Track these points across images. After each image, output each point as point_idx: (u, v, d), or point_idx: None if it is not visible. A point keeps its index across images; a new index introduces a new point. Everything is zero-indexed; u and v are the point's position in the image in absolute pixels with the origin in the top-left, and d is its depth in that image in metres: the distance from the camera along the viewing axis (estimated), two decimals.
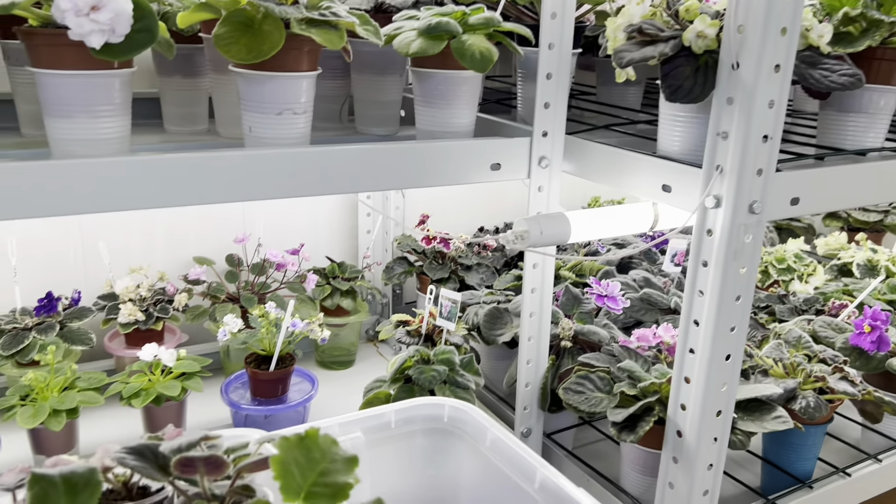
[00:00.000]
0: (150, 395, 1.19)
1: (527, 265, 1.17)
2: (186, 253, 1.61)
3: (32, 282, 1.44)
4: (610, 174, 1.10)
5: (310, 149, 0.97)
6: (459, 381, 1.20)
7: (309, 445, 0.68)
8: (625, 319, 1.45)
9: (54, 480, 0.64)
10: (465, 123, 1.10)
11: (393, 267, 1.71)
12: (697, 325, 0.99)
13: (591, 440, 1.40)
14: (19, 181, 0.81)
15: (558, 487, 0.83)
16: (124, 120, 0.90)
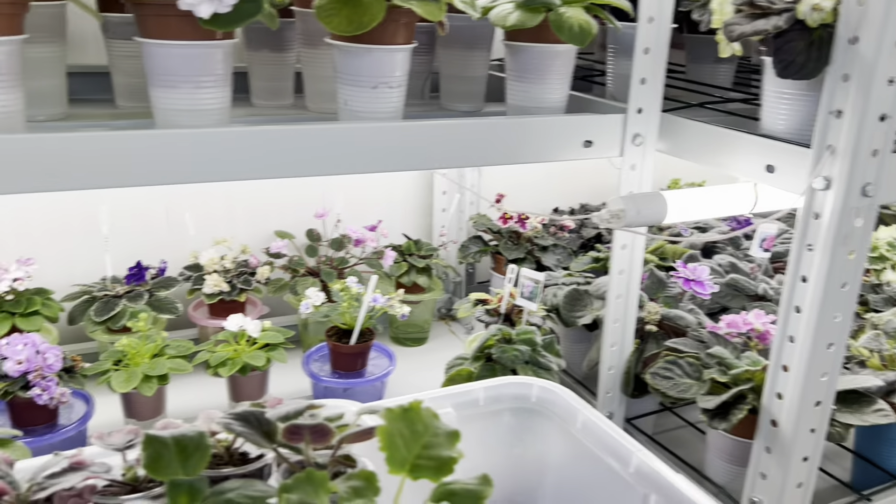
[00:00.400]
0: (237, 364, 1.22)
1: (615, 246, 1.15)
2: (267, 227, 1.63)
3: (121, 251, 1.48)
4: (707, 153, 1.07)
5: (405, 123, 0.96)
6: (541, 362, 1.18)
7: (412, 418, 0.68)
8: (710, 305, 1.41)
9: (167, 442, 0.65)
10: (558, 99, 1.07)
11: (468, 246, 1.70)
12: (799, 312, 0.95)
13: (670, 427, 1.37)
14: (126, 149, 0.83)
15: (655, 472, 0.81)
16: (225, 91, 0.91)
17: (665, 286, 1.36)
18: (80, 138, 0.80)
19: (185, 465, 0.65)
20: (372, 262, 1.58)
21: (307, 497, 0.59)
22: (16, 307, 1.27)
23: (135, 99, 1.13)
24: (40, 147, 0.79)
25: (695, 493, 0.77)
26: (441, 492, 0.63)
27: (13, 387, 1.09)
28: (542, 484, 0.96)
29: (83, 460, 0.71)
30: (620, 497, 0.85)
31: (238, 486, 0.65)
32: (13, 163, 0.78)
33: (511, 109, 1.09)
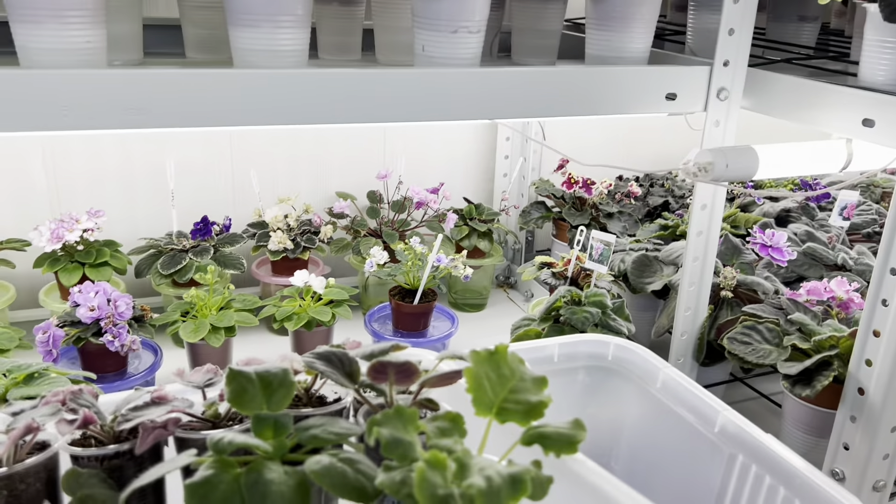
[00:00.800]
0: (303, 319, 1.21)
1: (695, 206, 1.10)
2: (328, 186, 1.62)
3: (186, 206, 1.49)
4: (797, 109, 1.02)
5: (485, 69, 0.93)
6: (612, 325, 1.15)
7: (498, 361, 0.66)
8: (785, 274, 1.36)
9: (251, 377, 0.64)
10: (641, 49, 1.03)
11: (530, 211, 1.67)
12: (894, 274, 0.91)
13: (740, 398, 1.33)
14: (205, 87, 0.81)
15: (744, 431, 0.78)
16: (304, 33, 0.89)
17: (740, 252, 1.31)
18: (162, 75, 0.79)
19: (270, 401, 0.64)
20: (433, 225, 1.56)
21: (397, 432, 0.57)
22: (86, 257, 1.28)
23: (205, 51, 1.13)
24: (122, 83, 0.78)
25: (786, 453, 0.74)
26: (532, 435, 0.61)
27: (85, 333, 1.11)
28: (617, 444, 0.94)
29: (165, 395, 0.70)
30: (704, 457, 0.82)
31: (322, 423, 0.63)
32: (94, 98, 0.77)
33: (590, 59, 1.06)
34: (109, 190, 1.46)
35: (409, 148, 1.68)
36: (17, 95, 0.74)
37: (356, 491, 0.57)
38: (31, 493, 0.63)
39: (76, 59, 0.79)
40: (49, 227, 1.26)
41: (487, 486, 0.51)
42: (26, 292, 1.41)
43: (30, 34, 0.78)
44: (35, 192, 1.41)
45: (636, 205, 1.68)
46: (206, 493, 0.54)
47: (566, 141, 1.78)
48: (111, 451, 0.65)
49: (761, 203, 1.61)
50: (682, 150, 1.96)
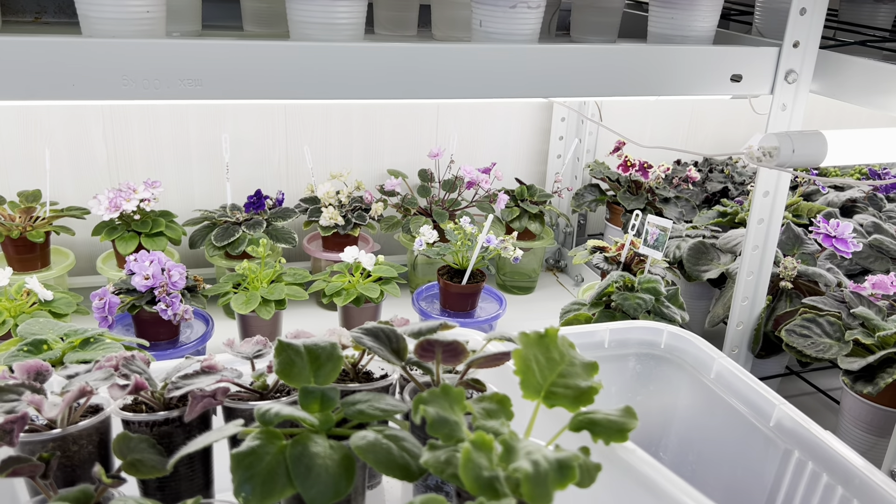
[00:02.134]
0: (352, 294, 1.21)
1: (757, 193, 1.07)
2: (380, 164, 1.62)
3: (240, 180, 1.51)
4: (871, 93, 0.97)
5: (546, 45, 0.91)
6: (665, 313, 1.13)
7: (548, 344, 0.65)
8: (849, 267, 1.30)
9: (299, 350, 0.64)
10: (707, 28, 1.00)
11: (583, 194, 1.64)
12: None
13: (795, 392, 1.29)
14: (262, 59, 0.81)
15: (801, 427, 0.75)
16: (361, 6, 0.88)
17: (802, 242, 1.26)
18: (220, 46, 0.79)
19: (317, 374, 0.64)
20: (483, 206, 1.55)
21: (443, 411, 0.56)
22: (142, 227, 1.31)
23: (262, 24, 1.13)
24: (180, 54, 0.78)
25: (846, 451, 0.71)
26: (581, 420, 0.60)
27: (140, 301, 1.13)
28: (666, 434, 0.92)
29: (214, 364, 0.71)
30: (757, 452, 0.79)
31: (368, 398, 0.63)
32: (153, 69, 0.78)
33: (653, 39, 1.02)
34: (166, 161, 1.48)
35: (462, 127, 1.66)
36: (79, 64, 0.75)
37: (401, 469, 0.57)
38: (83, 454, 0.64)
39: (136, 29, 0.80)
40: (107, 196, 1.28)
41: (534, 470, 0.49)
42: (85, 259, 1.45)
43: (92, 3, 0.79)
44: (95, 161, 1.44)
45: (694, 190, 1.64)
46: (252, 462, 0.55)
47: (623, 123, 1.74)
48: (161, 418, 0.66)
49: (825, 192, 1.55)
50: (744, 136, 1.90)
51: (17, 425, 0.59)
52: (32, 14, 1.14)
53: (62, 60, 0.74)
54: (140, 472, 0.61)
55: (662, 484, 0.55)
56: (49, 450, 0.62)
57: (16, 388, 0.64)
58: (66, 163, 1.42)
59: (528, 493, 0.48)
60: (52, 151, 1.37)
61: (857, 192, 1.50)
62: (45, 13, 1.15)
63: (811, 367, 1.29)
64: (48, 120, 1.39)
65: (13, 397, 0.63)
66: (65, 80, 0.75)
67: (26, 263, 1.28)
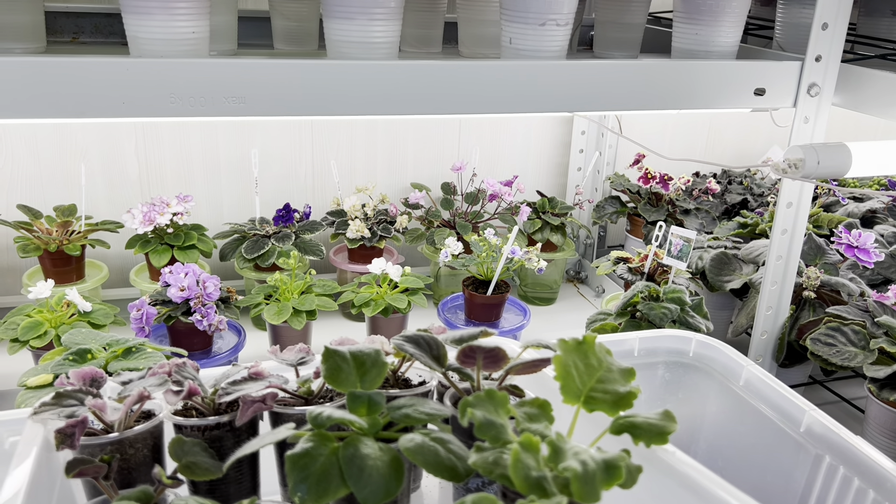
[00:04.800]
0: (380, 305, 1.24)
1: (780, 204, 1.09)
2: (404, 178, 1.65)
3: (269, 194, 1.54)
4: (892, 105, 0.99)
5: (574, 62, 0.94)
6: (690, 322, 1.14)
7: (586, 351, 0.67)
8: (871, 277, 1.32)
9: (345, 356, 0.67)
10: (730, 43, 1.02)
11: (604, 206, 1.67)
12: None
13: (819, 402, 1.29)
14: (302, 78, 0.84)
15: (831, 432, 0.76)
16: (396, 25, 0.91)
17: (824, 253, 1.28)
18: (264, 65, 0.82)
19: (363, 379, 0.66)
20: (506, 218, 1.57)
21: (489, 414, 0.58)
22: (175, 240, 1.34)
23: (293, 42, 1.16)
24: (226, 72, 0.81)
25: (877, 455, 0.72)
26: (622, 424, 0.62)
27: (175, 312, 1.16)
28: (695, 441, 0.93)
29: (261, 371, 0.73)
30: (788, 457, 0.81)
31: (412, 403, 0.65)
32: (200, 86, 0.81)
33: (677, 54, 1.05)
34: (196, 176, 1.51)
35: (484, 141, 1.69)
36: (129, 83, 0.78)
37: (448, 470, 0.59)
38: (139, 457, 0.67)
39: (182, 49, 0.83)
40: (141, 210, 1.32)
41: (583, 470, 0.52)
42: (117, 272, 1.48)
43: (140, 24, 0.82)
44: (127, 176, 1.48)
45: (714, 202, 1.66)
46: (307, 464, 0.57)
47: (642, 136, 1.76)
48: (212, 422, 0.69)
49: (845, 203, 1.57)
50: (762, 148, 1.92)
51: (79, 429, 0.62)
52: (70, 34, 1.18)
53: (114, 79, 0.78)
54: (195, 474, 0.64)
55: (705, 484, 0.57)
56: (108, 453, 0.64)
57: (75, 394, 0.67)
58: (99, 178, 1.46)
59: (578, 492, 0.50)
60: (87, 167, 1.41)
61: (876, 203, 1.51)
62: (82, 33, 1.18)
63: (834, 376, 1.30)
64: (83, 137, 1.43)
65: (73, 402, 0.66)
66: (115, 99, 0.78)
67: (63, 276, 1.32)
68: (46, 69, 0.76)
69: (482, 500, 0.51)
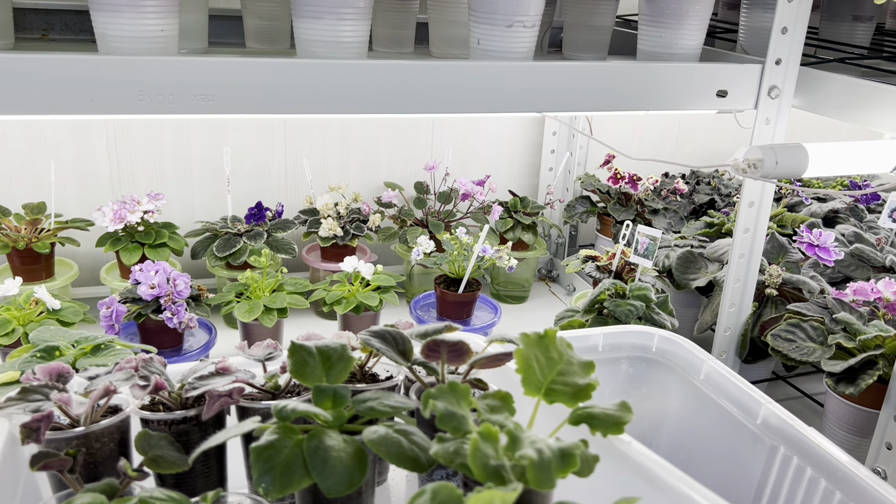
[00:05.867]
0: (351, 303, 1.25)
1: (742, 203, 1.11)
2: (377, 177, 1.66)
3: (241, 192, 1.54)
4: (849, 108, 1.02)
5: (541, 63, 0.95)
6: (656, 319, 1.17)
7: (547, 345, 0.68)
8: (831, 275, 1.35)
9: (312, 351, 0.68)
10: (693, 46, 1.04)
11: (575, 205, 1.69)
12: None
13: (782, 397, 1.33)
14: (271, 77, 0.85)
15: (786, 424, 0.79)
16: (365, 25, 0.92)
17: (786, 251, 1.31)
18: (233, 63, 0.83)
19: (329, 374, 0.67)
20: (478, 217, 1.59)
21: (451, 406, 0.60)
22: (146, 238, 1.33)
23: (265, 41, 1.17)
24: (194, 71, 0.82)
25: (829, 446, 0.75)
26: (580, 415, 0.64)
27: (146, 309, 1.16)
28: (658, 434, 0.95)
29: (229, 366, 0.74)
30: (745, 449, 0.83)
31: (378, 396, 0.67)
32: (168, 85, 0.81)
33: (642, 56, 1.07)
34: (167, 174, 1.51)
35: (457, 140, 1.71)
36: (98, 80, 0.78)
37: (411, 460, 0.60)
38: (104, 451, 0.68)
39: (151, 47, 0.84)
40: (112, 208, 1.31)
41: (539, 458, 0.53)
42: (88, 270, 1.48)
43: (109, 22, 0.82)
44: (98, 174, 1.47)
45: (682, 202, 1.69)
46: (271, 455, 0.58)
47: (613, 137, 1.79)
48: (179, 416, 0.69)
49: (809, 203, 1.60)
50: (730, 149, 1.96)
51: (44, 423, 0.62)
52: (40, 31, 1.17)
53: (82, 77, 0.78)
54: (161, 467, 0.64)
55: (658, 472, 0.59)
56: (73, 447, 0.65)
57: (40, 389, 0.67)
58: (70, 176, 1.45)
59: (533, 479, 0.52)
60: (57, 165, 1.40)
61: (839, 203, 1.55)
62: (51, 30, 1.18)
63: (796, 371, 1.34)
64: (53, 134, 1.42)
65: (38, 397, 0.66)
66: (84, 96, 0.79)
67: (32, 274, 1.31)
68: (14, 66, 0.76)
69: (441, 487, 0.52)
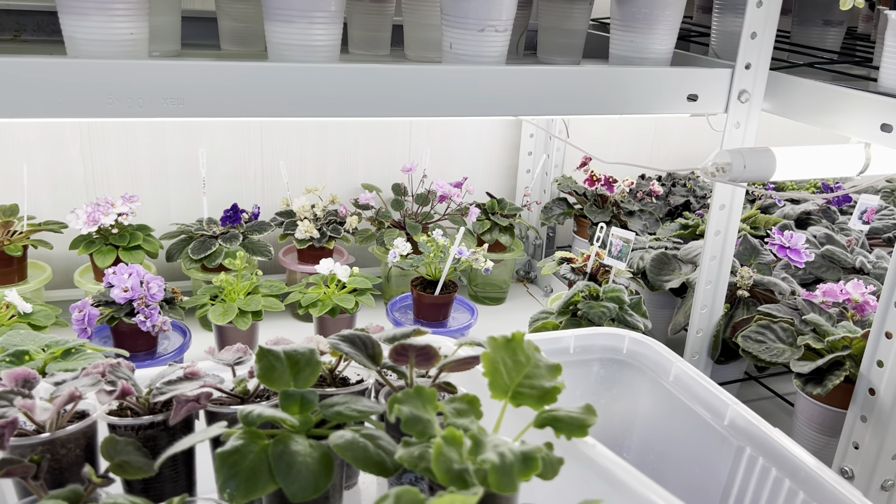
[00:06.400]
0: (327, 305, 1.25)
1: (713, 206, 1.12)
2: (354, 179, 1.66)
3: (217, 194, 1.54)
4: (817, 112, 1.03)
5: (512, 67, 0.96)
6: (629, 321, 1.18)
7: (514, 348, 0.69)
8: (803, 276, 1.37)
9: (279, 355, 0.68)
10: (664, 50, 1.05)
11: (552, 207, 1.70)
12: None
13: (754, 397, 1.35)
14: (243, 80, 0.85)
15: (752, 425, 0.80)
16: (337, 29, 0.92)
17: (758, 253, 1.33)
18: (202, 66, 0.83)
19: (297, 378, 0.67)
20: (455, 219, 1.59)
21: (416, 410, 0.60)
22: (120, 240, 1.33)
23: (240, 43, 1.16)
24: (164, 74, 0.82)
25: (793, 447, 0.76)
26: (544, 418, 0.64)
27: (119, 312, 1.15)
28: (629, 435, 0.96)
29: (197, 371, 0.74)
30: (713, 449, 0.84)
31: (346, 400, 0.67)
32: (138, 88, 0.81)
33: (614, 60, 1.08)
34: (142, 177, 1.50)
35: (434, 143, 1.71)
36: (66, 83, 0.78)
37: (376, 465, 0.60)
38: (70, 458, 0.67)
39: (120, 50, 0.83)
40: (86, 210, 1.30)
41: (500, 461, 0.54)
42: (61, 273, 1.47)
43: (77, 25, 0.82)
44: (72, 177, 1.46)
45: (658, 204, 1.70)
46: (237, 461, 0.58)
47: (589, 139, 1.80)
48: (146, 422, 0.69)
49: (782, 205, 1.62)
50: (706, 152, 1.97)
51: (8, 430, 0.62)
52: (11, 32, 1.17)
53: (51, 79, 0.77)
54: (127, 472, 0.64)
55: (620, 475, 0.59)
56: (38, 453, 0.64)
57: (5, 395, 0.66)
58: (43, 179, 1.44)
59: (495, 483, 0.52)
60: (30, 167, 1.39)
61: (811, 206, 1.57)
62: (24, 31, 1.17)
63: (768, 372, 1.35)
64: (25, 136, 1.41)
65: (3, 403, 0.66)
66: (53, 99, 0.78)
67: (3, 277, 1.30)
68: None
69: (404, 492, 0.52)
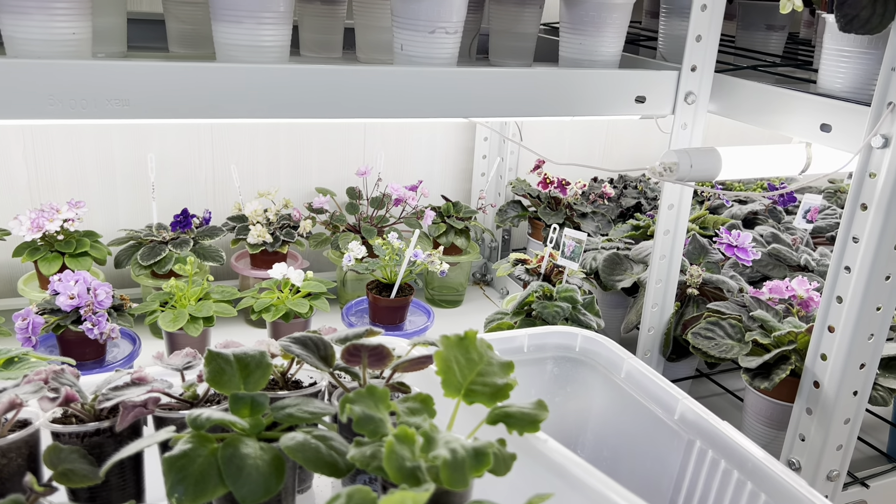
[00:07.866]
0: (280, 310, 1.23)
1: (662, 206, 1.14)
2: (308, 182, 1.65)
3: (167, 199, 1.51)
4: (760, 113, 1.06)
5: (462, 69, 0.96)
6: (582, 320, 1.19)
7: (467, 346, 0.69)
8: (750, 274, 1.40)
9: (229, 359, 0.67)
10: (613, 53, 1.07)
11: (506, 210, 1.71)
12: (849, 272, 0.95)
13: (706, 393, 1.37)
14: (189, 81, 0.84)
15: (701, 418, 0.81)
16: (286, 30, 0.92)
17: (707, 252, 1.35)
18: (146, 67, 0.82)
19: (247, 381, 0.66)
20: (411, 222, 1.59)
21: (368, 409, 0.60)
22: (66, 247, 1.29)
23: (188, 45, 1.15)
24: (107, 74, 0.80)
25: (740, 438, 0.78)
26: (497, 414, 0.64)
27: (65, 320, 1.12)
28: (583, 432, 0.97)
29: (145, 376, 0.73)
30: (665, 444, 0.85)
31: (297, 402, 0.66)
32: (80, 89, 0.79)
33: (564, 62, 1.09)
34: (90, 182, 1.47)
35: (389, 146, 1.71)
36: (4, 84, 0.76)
37: (329, 466, 0.60)
38: (12, 467, 0.65)
39: (62, 50, 0.82)
40: (29, 216, 1.27)
41: (452, 457, 0.54)
42: (4, 281, 1.42)
43: (17, 24, 0.80)
44: (15, 182, 1.42)
45: (610, 205, 1.73)
46: (185, 465, 0.57)
47: (542, 142, 1.82)
48: (92, 429, 0.67)
49: (730, 205, 1.66)
50: (656, 153, 2.01)
51: None
52: None
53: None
54: (72, 481, 0.62)
55: (571, 468, 0.60)
56: None
57: None
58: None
59: (447, 479, 0.52)
60: None
61: (758, 205, 1.61)
62: None
63: (719, 368, 1.38)
64: None
65: None
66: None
67: None
68: None
69: (356, 491, 0.52)
